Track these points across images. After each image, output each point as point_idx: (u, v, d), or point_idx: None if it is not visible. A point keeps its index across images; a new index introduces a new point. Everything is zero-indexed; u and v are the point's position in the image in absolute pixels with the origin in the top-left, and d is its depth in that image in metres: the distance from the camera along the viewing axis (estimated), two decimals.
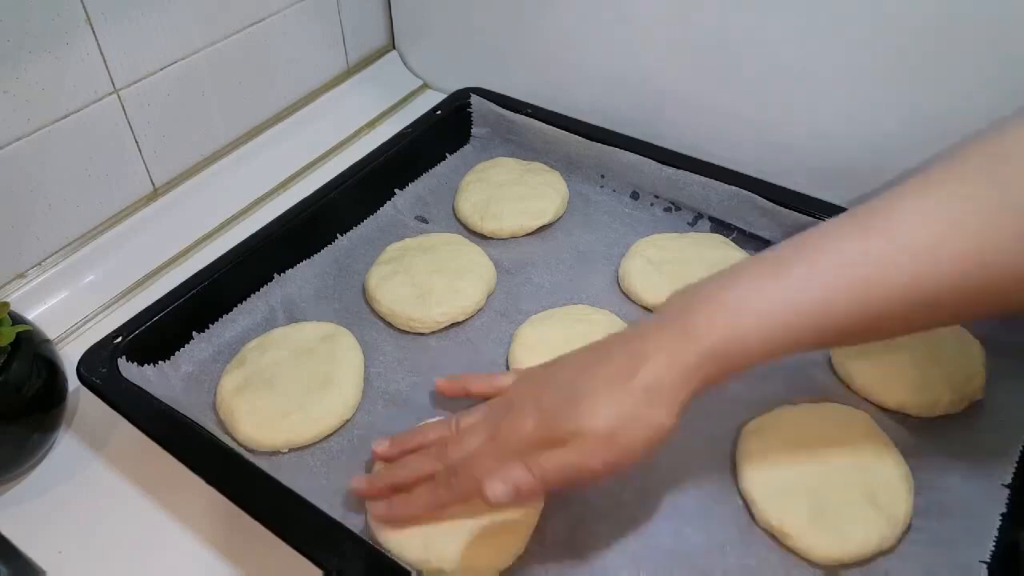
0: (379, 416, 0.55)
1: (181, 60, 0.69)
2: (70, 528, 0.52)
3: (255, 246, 0.63)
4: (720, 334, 0.40)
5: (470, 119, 0.79)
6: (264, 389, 0.55)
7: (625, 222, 0.70)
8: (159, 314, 0.57)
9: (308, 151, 0.81)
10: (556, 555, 0.47)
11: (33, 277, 0.64)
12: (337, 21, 0.85)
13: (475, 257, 0.65)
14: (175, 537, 0.51)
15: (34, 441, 0.54)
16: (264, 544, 0.44)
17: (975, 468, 0.50)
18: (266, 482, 0.47)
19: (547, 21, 0.77)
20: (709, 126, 0.72)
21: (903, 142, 0.63)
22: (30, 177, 0.62)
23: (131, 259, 0.69)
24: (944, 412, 0.53)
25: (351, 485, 0.49)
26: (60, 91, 0.61)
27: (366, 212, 0.70)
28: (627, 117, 0.74)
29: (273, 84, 0.80)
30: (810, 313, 0.39)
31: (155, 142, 0.70)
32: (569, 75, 0.78)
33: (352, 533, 0.44)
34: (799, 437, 0.51)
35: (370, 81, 0.90)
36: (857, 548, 0.45)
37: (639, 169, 0.70)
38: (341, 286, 0.65)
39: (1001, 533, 0.46)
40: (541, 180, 0.72)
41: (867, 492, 0.47)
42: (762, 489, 0.48)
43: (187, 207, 0.73)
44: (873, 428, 0.51)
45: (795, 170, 0.66)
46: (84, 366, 0.53)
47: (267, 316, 0.62)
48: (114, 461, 0.56)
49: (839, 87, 0.64)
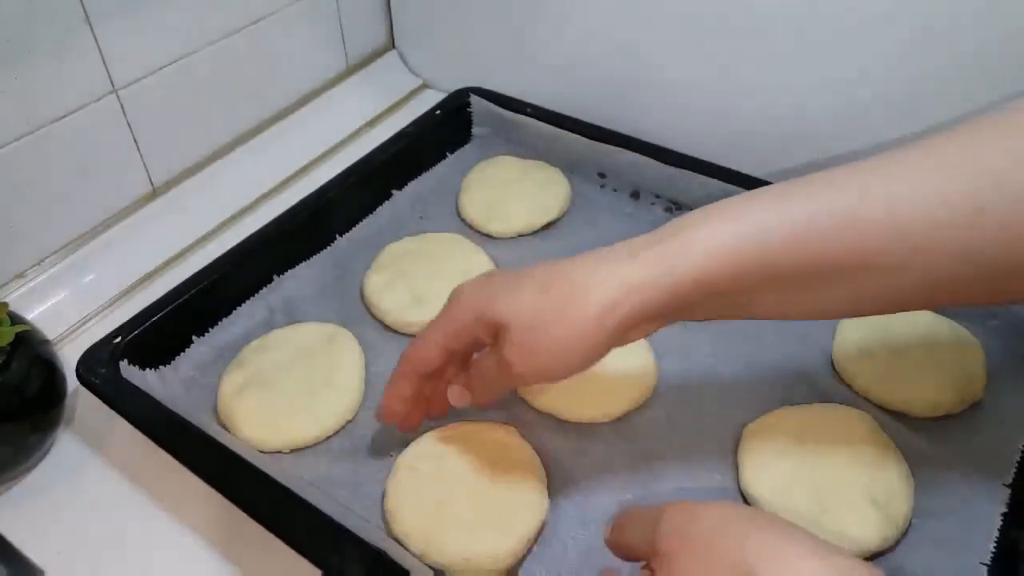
0: None
1: (180, 60, 0.69)
2: (69, 528, 0.52)
3: (254, 246, 0.63)
4: (675, 260, 0.38)
5: (470, 119, 0.79)
6: (264, 390, 0.55)
7: (626, 222, 0.70)
8: (159, 314, 0.57)
9: (308, 150, 0.81)
10: (558, 555, 0.47)
11: (32, 277, 0.64)
12: (336, 20, 0.85)
13: (475, 258, 0.65)
14: (175, 537, 0.51)
15: (33, 441, 0.54)
16: (264, 544, 0.44)
17: (976, 468, 0.50)
18: (266, 482, 0.47)
19: (547, 21, 0.77)
20: (710, 125, 0.72)
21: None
22: (29, 177, 0.61)
23: (130, 259, 0.69)
24: (945, 412, 0.53)
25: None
26: (60, 91, 0.61)
27: (365, 212, 0.70)
28: (627, 116, 0.74)
29: (272, 84, 0.80)
30: (767, 244, 0.37)
31: (154, 141, 0.70)
32: (569, 75, 0.78)
33: (352, 533, 0.44)
34: (800, 437, 0.51)
35: (370, 81, 0.89)
36: (857, 548, 0.45)
37: (640, 169, 0.70)
38: (341, 287, 0.65)
39: (1001, 533, 0.46)
40: (544, 177, 0.72)
41: (868, 492, 0.47)
42: (763, 489, 0.48)
43: (186, 207, 0.73)
44: (874, 428, 0.51)
45: (796, 170, 0.66)
46: (83, 366, 0.53)
47: (267, 317, 0.62)
48: (114, 461, 0.56)
49: (843, 87, 0.64)
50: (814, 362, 0.57)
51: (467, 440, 0.51)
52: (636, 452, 0.52)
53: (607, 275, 0.40)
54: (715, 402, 0.55)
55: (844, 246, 0.36)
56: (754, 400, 0.54)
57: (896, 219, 0.35)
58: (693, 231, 0.39)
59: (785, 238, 0.37)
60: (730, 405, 0.54)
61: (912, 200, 0.35)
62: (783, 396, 0.54)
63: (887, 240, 0.35)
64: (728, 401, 0.54)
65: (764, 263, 0.37)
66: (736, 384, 0.56)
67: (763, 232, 0.37)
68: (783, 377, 0.56)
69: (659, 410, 0.55)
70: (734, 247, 0.37)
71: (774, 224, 0.37)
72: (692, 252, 0.38)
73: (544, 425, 0.54)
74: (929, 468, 0.50)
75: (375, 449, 0.53)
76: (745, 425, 0.53)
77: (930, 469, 0.50)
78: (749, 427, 0.52)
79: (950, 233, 0.35)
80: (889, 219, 0.35)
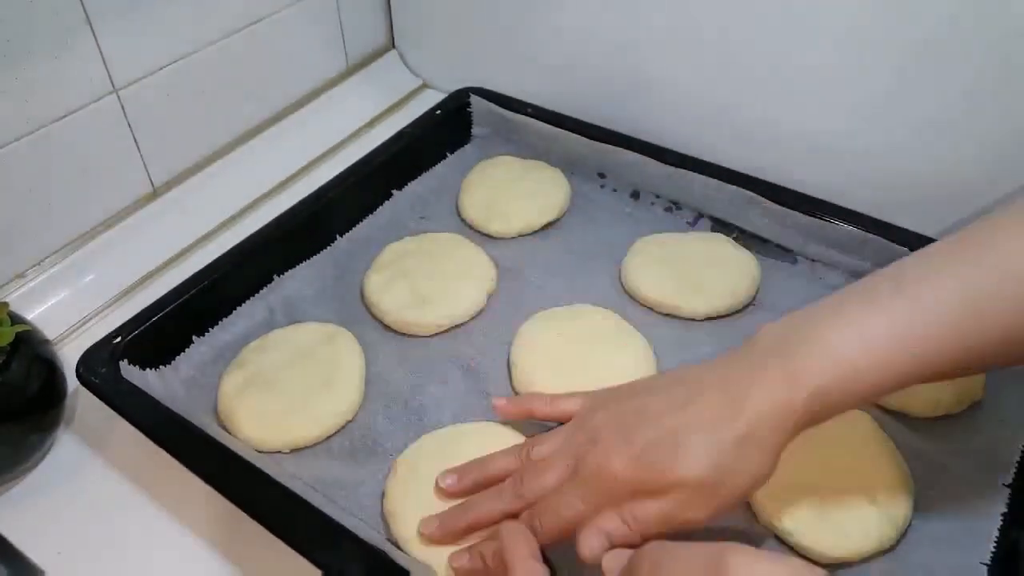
0: (380, 417, 0.55)
1: (180, 60, 0.69)
2: (70, 528, 0.52)
3: (254, 246, 0.63)
4: (825, 377, 0.38)
5: (470, 119, 0.79)
6: (265, 390, 0.55)
7: (626, 221, 0.70)
8: (159, 314, 0.57)
9: (308, 151, 0.81)
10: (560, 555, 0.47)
11: (32, 277, 0.64)
12: (337, 20, 0.85)
13: (475, 258, 0.65)
14: (175, 537, 0.51)
15: (33, 441, 0.54)
16: (264, 544, 0.44)
17: (975, 468, 0.50)
18: (266, 482, 0.47)
19: (547, 21, 0.77)
20: (710, 125, 0.72)
21: (906, 141, 0.63)
22: (30, 177, 0.61)
23: (131, 259, 0.69)
24: (945, 412, 0.53)
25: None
26: (60, 91, 0.61)
27: (366, 212, 0.70)
28: (627, 116, 0.74)
29: (272, 84, 0.80)
30: (916, 350, 0.38)
31: (154, 142, 0.70)
32: (569, 75, 0.78)
33: (352, 533, 0.44)
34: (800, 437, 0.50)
35: (370, 81, 0.89)
36: (857, 547, 0.45)
37: (640, 168, 0.70)
38: (341, 287, 0.65)
39: (1001, 533, 0.46)
40: (544, 177, 0.72)
41: (867, 492, 0.47)
42: (763, 488, 0.48)
43: (187, 207, 0.73)
44: (874, 428, 0.51)
45: (797, 170, 0.66)
46: (83, 366, 0.53)
47: (267, 317, 0.62)
48: (114, 461, 0.56)
49: (843, 86, 0.64)
50: None
51: (467, 441, 0.51)
52: None
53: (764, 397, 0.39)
54: None
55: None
56: None
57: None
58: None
59: (914, 357, 0.38)
60: None
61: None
62: None
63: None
64: None
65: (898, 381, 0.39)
66: None
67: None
68: None
69: None
70: (872, 382, 0.38)
71: (896, 350, 0.38)
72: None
73: (545, 426, 0.54)
74: (929, 468, 0.50)
75: (375, 449, 0.53)
76: None
77: (930, 469, 0.50)
78: None
79: None
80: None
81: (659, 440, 0.40)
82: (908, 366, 0.38)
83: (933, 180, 0.63)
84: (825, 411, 0.39)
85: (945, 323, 0.38)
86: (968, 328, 0.38)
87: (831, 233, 0.62)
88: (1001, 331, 0.38)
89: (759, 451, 0.39)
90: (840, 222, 0.62)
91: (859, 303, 0.40)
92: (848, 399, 0.39)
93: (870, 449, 0.50)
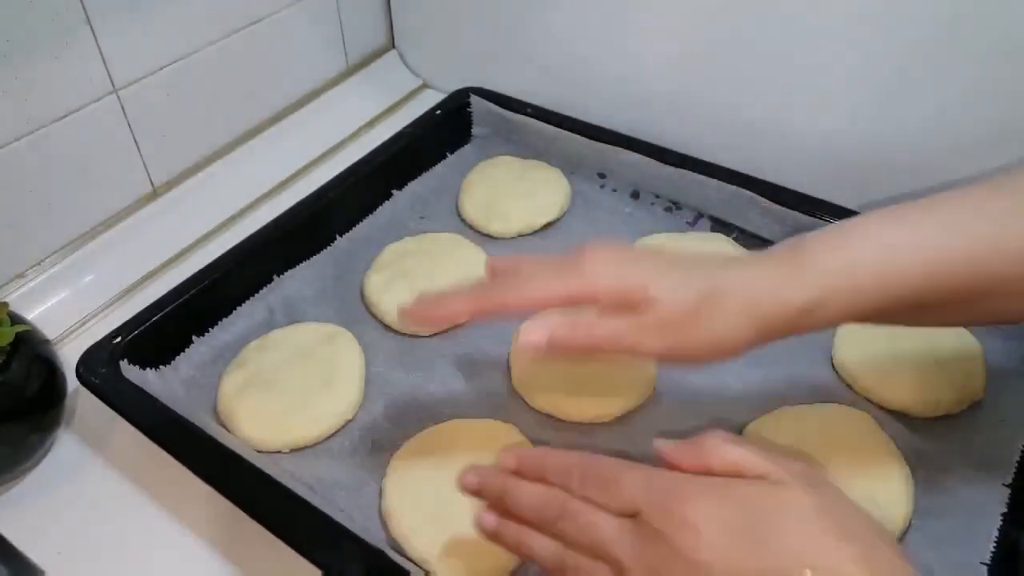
0: (380, 416, 0.55)
1: (180, 60, 0.69)
2: (70, 528, 0.52)
3: (254, 246, 0.63)
4: (837, 261, 0.38)
5: (470, 119, 0.79)
6: (265, 390, 0.55)
7: (626, 221, 0.70)
8: (159, 314, 0.57)
9: (308, 151, 0.81)
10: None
11: (32, 277, 0.64)
12: (336, 20, 0.85)
13: (475, 258, 0.65)
14: (175, 537, 0.51)
15: (33, 441, 0.54)
16: (264, 544, 0.44)
17: (975, 468, 0.50)
18: (266, 482, 0.47)
19: (547, 21, 0.77)
20: (710, 125, 0.72)
21: (906, 141, 0.63)
22: (29, 177, 0.61)
23: (131, 259, 0.69)
24: (945, 412, 0.53)
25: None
26: (60, 91, 0.61)
27: (365, 212, 0.70)
28: (627, 116, 0.74)
29: (272, 84, 0.80)
30: (923, 260, 0.37)
31: (154, 142, 0.70)
32: (569, 75, 0.78)
33: (352, 533, 0.44)
34: (800, 437, 0.51)
35: (369, 81, 0.89)
36: None
37: (640, 168, 0.70)
38: (341, 287, 0.65)
39: (1001, 533, 0.46)
40: (544, 177, 0.72)
41: (867, 492, 0.47)
42: None
43: (187, 207, 0.73)
44: (874, 428, 0.51)
45: (796, 170, 0.66)
46: (83, 366, 0.53)
47: (267, 317, 0.62)
48: (114, 461, 0.56)
49: (843, 86, 0.64)
50: (814, 362, 0.57)
51: (466, 439, 0.51)
52: (636, 452, 0.52)
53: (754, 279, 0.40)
54: (715, 402, 0.55)
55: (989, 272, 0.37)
56: (754, 400, 0.54)
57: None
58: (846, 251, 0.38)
59: (926, 266, 0.37)
60: (730, 405, 0.54)
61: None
62: (783, 396, 0.54)
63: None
64: (728, 401, 0.54)
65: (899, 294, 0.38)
66: (736, 384, 0.56)
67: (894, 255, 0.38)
68: (783, 377, 0.56)
69: (659, 410, 0.55)
70: (876, 272, 0.38)
71: (909, 251, 0.38)
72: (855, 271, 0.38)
73: (544, 425, 0.54)
74: (929, 468, 0.50)
75: (374, 449, 0.53)
76: (745, 425, 0.53)
77: (930, 469, 0.50)
78: (749, 427, 0.52)
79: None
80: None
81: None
82: (918, 278, 0.37)
83: (933, 180, 0.63)
84: (824, 310, 0.38)
85: (962, 238, 0.37)
86: (982, 249, 0.37)
87: None
88: (1016, 267, 0.37)
89: (753, 319, 0.40)
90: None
91: (876, 215, 0.40)
92: (852, 293, 0.38)
93: (870, 449, 0.50)
